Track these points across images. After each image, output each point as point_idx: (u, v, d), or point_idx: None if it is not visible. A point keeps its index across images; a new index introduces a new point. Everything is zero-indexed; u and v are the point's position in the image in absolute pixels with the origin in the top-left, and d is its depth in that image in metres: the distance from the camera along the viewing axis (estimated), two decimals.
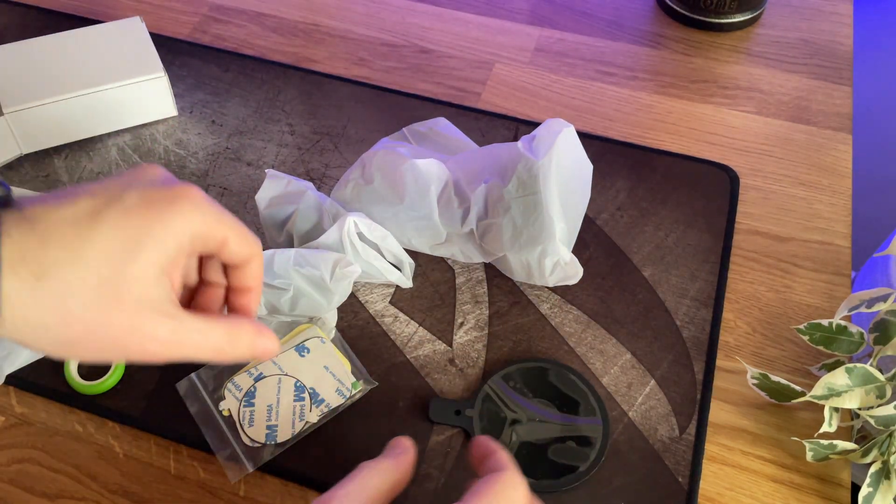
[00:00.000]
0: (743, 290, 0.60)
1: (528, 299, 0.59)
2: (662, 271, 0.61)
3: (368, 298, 0.59)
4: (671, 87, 0.75)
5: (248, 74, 0.75)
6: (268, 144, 0.69)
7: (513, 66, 0.77)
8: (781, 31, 0.80)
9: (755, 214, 0.65)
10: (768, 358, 0.57)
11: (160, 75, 0.68)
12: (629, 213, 0.64)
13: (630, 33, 0.80)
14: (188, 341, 0.38)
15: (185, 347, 0.38)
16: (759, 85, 0.75)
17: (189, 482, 0.51)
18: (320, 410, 0.52)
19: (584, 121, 0.72)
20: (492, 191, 0.56)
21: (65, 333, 0.35)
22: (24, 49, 0.68)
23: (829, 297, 0.60)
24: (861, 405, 0.48)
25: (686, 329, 0.57)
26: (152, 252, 0.36)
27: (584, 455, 0.51)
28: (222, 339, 0.39)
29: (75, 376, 0.54)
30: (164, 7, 0.82)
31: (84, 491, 0.51)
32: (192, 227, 0.37)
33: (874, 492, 0.48)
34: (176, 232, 0.36)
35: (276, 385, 0.52)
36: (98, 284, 0.35)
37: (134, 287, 0.36)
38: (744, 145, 0.70)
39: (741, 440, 0.53)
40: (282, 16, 0.81)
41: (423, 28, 0.80)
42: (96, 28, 0.71)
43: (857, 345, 0.52)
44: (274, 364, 0.53)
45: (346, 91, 0.73)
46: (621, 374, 0.55)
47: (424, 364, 0.56)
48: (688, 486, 0.50)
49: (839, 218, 0.65)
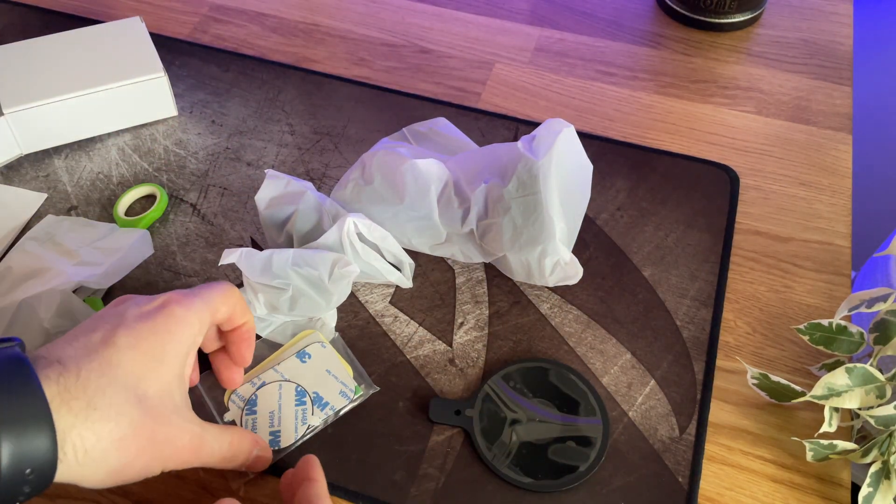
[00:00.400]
0: (743, 290, 0.60)
1: (528, 299, 0.59)
2: (662, 271, 0.61)
3: (368, 298, 0.59)
4: (671, 87, 0.75)
5: (248, 74, 0.75)
6: (268, 144, 0.69)
7: (513, 66, 0.77)
8: (781, 31, 0.80)
9: (755, 214, 0.65)
10: (768, 358, 0.57)
11: (160, 75, 0.68)
12: (629, 213, 0.64)
13: (630, 33, 0.80)
14: (206, 447, 0.41)
15: (203, 454, 0.41)
16: (759, 85, 0.75)
17: (188, 482, 0.51)
18: (324, 414, 0.52)
19: (584, 121, 0.72)
20: (492, 191, 0.56)
21: (120, 458, 0.37)
22: (24, 49, 0.68)
23: (829, 297, 0.60)
24: (861, 405, 0.48)
25: (686, 329, 0.57)
26: (172, 364, 0.39)
27: (584, 455, 0.51)
28: (228, 449, 0.44)
29: None
30: (164, 7, 0.82)
31: (83, 491, 0.51)
32: (195, 330, 0.41)
33: (874, 492, 0.48)
34: (184, 341, 0.40)
35: (276, 391, 0.52)
36: (138, 402, 0.37)
37: (166, 399, 0.38)
38: (744, 145, 0.70)
39: (741, 440, 0.53)
40: (282, 16, 0.81)
41: (424, 28, 0.80)
42: (96, 28, 0.71)
43: (857, 345, 0.52)
44: (275, 371, 0.53)
45: (346, 91, 0.73)
46: (621, 374, 0.55)
47: (424, 364, 0.56)
48: (688, 486, 0.50)
49: (839, 218, 0.65)
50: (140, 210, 0.64)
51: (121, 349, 0.37)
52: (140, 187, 0.65)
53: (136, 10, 0.82)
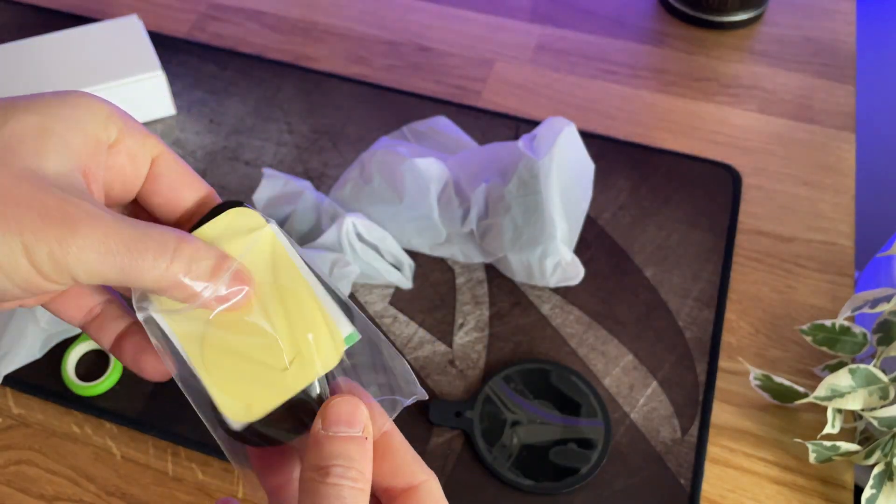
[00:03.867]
0: (745, 290, 0.60)
1: (529, 300, 0.59)
2: (664, 271, 0.60)
3: (368, 299, 0.58)
4: (673, 86, 0.74)
5: (246, 73, 0.74)
6: (266, 143, 0.69)
7: (514, 64, 0.76)
8: (784, 30, 0.79)
9: (758, 214, 0.64)
10: (771, 359, 0.56)
11: (158, 73, 0.67)
12: (631, 213, 0.64)
13: (632, 31, 0.80)
14: (115, 235, 0.26)
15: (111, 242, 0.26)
16: (761, 83, 0.74)
17: (187, 484, 0.51)
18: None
19: (586, 119, 0.71)
20: (492, 190, 0.56)
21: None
22: (22, 48, 0.68)
23: (832, 298, 0.59)
24: (864, 406, 0.48)
25: (688, 330, 0.57)
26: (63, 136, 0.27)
27: (585, 457, 0.50)
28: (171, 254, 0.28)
29: (73, 377, 0.54)
30: (161, 5, 0.82)
31: (81, 493, 0.50)
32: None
33: (877, 493, 0.47)
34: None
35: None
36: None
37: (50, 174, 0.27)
38: (746, 144, 0.69)
39: (744, 442, 0.52)
40: (280, 13, 0.81)
41: (423, 26, 0.80)
42: (93, 27, 0.70)
43: (860, 345, 0.51)
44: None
45: (346, 89, 0.73)
46: (623, 376, 0.55)
47: (424, 365, 0.55)
48: (690, 488, 0.50)
49: (842, 217, 0.64)
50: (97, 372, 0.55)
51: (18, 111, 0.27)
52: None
53: (134, 8, 0.81)
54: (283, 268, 0.30)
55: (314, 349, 0.29)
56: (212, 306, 0.29)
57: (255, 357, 0.29)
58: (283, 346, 0.29)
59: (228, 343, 0.29)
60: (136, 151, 0.30)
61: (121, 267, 0.27)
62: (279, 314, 0.29)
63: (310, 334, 0.29)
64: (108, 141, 0.29)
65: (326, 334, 0.29)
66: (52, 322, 0.54)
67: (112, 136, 0.29)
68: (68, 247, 0.26)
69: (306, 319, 0.29)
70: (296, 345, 0.29)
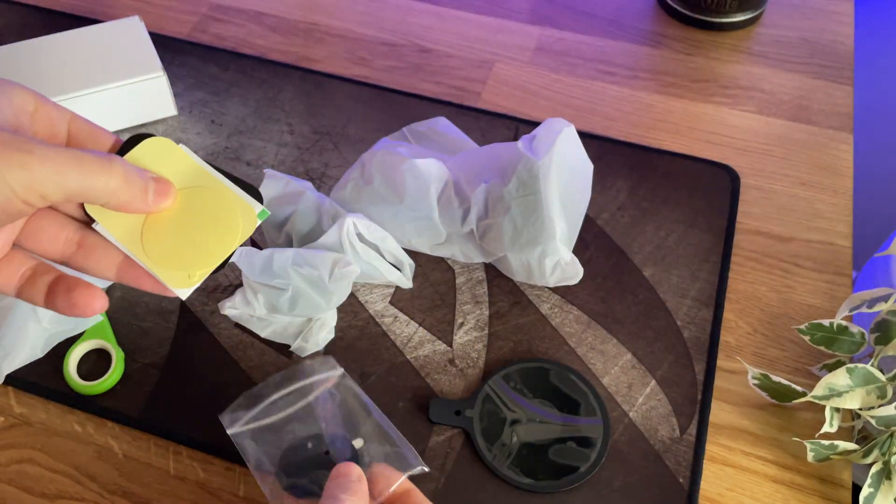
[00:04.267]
0: (744, 290, 0.60)
1: (529, 299, 0.59)
2: (663, 271, 0.60)
3: (368, 298, 0.59)
4: (672, 87, 0.75)
5: (247, 74, 0.74)
6: (267, 144, 0.69)
7: (513, 65, 0.77)
8: (782, 31, 0.80)
9: (756, 214, 0.65)
10: (769, 358, 0.57)
11: (159, 75, 0.68)
12: (630, 213, 0.64)
13: (631, 33, 0.80)
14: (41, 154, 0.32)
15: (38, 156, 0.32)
16: (759, 84, 0.75)
17: (189, 483, 0.51)
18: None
19: (585, 120, 0.72)
20: (492, 191, 0.56)
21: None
22: (24, 49, 0.68)
23: (830, 297, 0.59)
24: (862, 405, 0.48)
25: (687, 329, 0.57)
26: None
27: (584, 455, 0.51)
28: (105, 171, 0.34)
29: (74, 376, 0.54)
30: (163, 6, 0.82)
31: (83, 491, 0.51)
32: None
33: (875, 492, 0.47)
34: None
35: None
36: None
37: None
38: (745, 145, 0.70)
39: (742, 440, 0.53)
40: (281, 15, 0.81)
41: (423, 27, 0.80)
42: (95, 28, 0.71)
43: (858, 345, 0.52)
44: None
45: (346, 90, 0.73)
46: (622, 375, 0.55)
47: (424, 364, 0.55)
48: (688, 487, 0.50)
49: (840, 218, 0.64)
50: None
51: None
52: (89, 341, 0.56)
53: (135, 9, 0.81)
54: (197, 174, 0.38)
55: (234, 222, 0.37)
56: (144, 210, 0.36)
57: (186, 238, 0.37)
58: (207, 224, 0.37)
59: (162, 234, 0.36)
60: (53, 116, 0.36)
61: (75, 179, 0.33)
62: (200, 205, 0.37)
63: (227, 213, 0.37)
64: (29, 110, 0.35)
65: (240, 211, 0.37)
66: (54, 321, 0.54)
67: (31, 106, 0.35)
68: (31, 168, 0.31)
69: (222, 203, 0.37)
70: (218, 222, 0.37)
